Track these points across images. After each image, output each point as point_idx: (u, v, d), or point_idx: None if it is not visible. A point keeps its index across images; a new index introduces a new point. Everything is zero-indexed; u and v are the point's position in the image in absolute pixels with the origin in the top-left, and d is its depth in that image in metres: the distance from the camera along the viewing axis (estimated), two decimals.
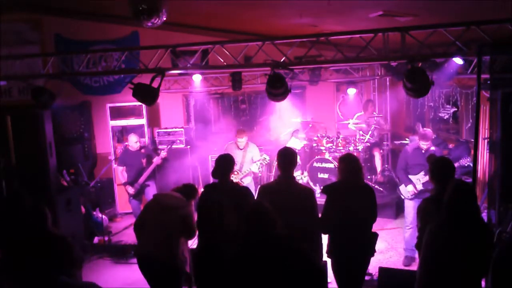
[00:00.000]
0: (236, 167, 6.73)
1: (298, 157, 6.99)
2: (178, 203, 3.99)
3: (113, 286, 5.32)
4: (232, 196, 3.86)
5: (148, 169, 6.65)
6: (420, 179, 5.58)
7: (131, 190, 6.57)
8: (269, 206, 2.85)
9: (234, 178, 6.76)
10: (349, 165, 3.93)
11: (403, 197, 5.80)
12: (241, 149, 6.80)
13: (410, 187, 5.61)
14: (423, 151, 5.65)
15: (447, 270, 2.92)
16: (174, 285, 3.99)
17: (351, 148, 7.90)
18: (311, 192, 3.88)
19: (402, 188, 5.81)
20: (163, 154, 6.77)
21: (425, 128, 5.88)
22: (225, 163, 4.11)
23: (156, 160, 6.73)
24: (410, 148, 5.92)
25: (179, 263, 3.92)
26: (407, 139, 8.55)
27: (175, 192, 4.18)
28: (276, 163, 4.01)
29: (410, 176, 5.69)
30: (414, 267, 4.91)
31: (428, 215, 3.35)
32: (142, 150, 6.86)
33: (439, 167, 3.67)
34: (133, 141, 6.73)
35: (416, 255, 5.84)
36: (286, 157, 3.92)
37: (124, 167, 6.78)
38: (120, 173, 6.83)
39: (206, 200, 3.96)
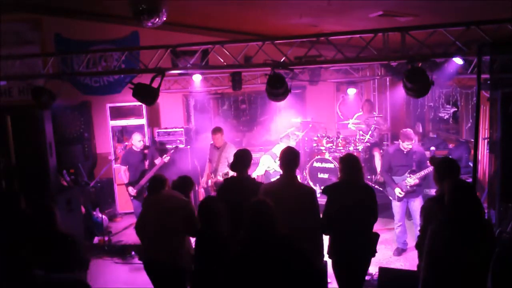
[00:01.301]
0: (212, 169, 6.67)
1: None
2: (179, 204, 3.97)
3: (113, 286, 5.32)
4: (241, 191, 3.87)
5: (150, 171, 6.60)
6: (405, 181, 5.58)
7: (132, 191, 6.55)
8: (272, 205, 2.82)
9: (210, 182, 6.63)
10: (349, 165, 3.94)
11: (390, 198, 5.81)
12: (218, 148, 6.58)
13: (397, 190, 5.62)
14: (405, 152, 5.64)
15: (448, 270, 2.92)
16: (179, 286, 3.95)
17: (351, 148, 7.90)
18: (312, 192, 3.87)
19: (389, 190, 5.82)
20: (166, 158, 6.73)
21: (406, 129, 5.83)
22: (241, 159, 4.19)
23: (159, 163, 6.71)
24: (392, 149, 5.90)
25: (185, 263, 3.90)
26: None
27: (173, 190, 4.17)
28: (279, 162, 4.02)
29: (395, 178, 5.68)
30: (411, 263, 4.94)
31: (430, 215, 3.35)
32: (146, 151, 6.83)
33: (443, 168, 3.66)
34: (136, 140, 6.61)
35: (407, 248, 5.88)
36: (288, 157, 3.92)
37: (127, 166, 6.74)
38: (122, 173, 6.77)
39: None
